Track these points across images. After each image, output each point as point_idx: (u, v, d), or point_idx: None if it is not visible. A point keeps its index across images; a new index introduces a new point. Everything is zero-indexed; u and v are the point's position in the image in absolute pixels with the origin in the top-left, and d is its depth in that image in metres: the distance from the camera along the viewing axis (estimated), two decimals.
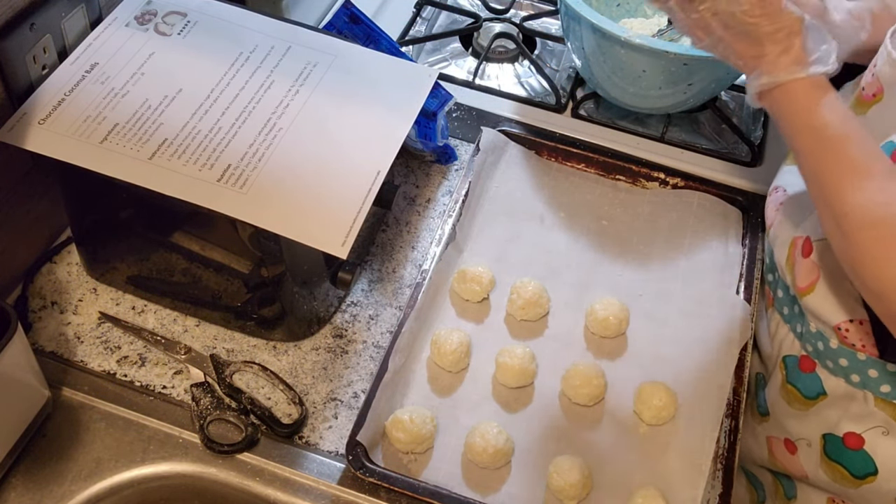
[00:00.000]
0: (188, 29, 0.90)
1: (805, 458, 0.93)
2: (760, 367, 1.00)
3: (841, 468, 0.89)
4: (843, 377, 0.87)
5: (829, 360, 0.87)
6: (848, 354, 0.85)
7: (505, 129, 1.12)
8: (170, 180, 0.78)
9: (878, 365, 0.83)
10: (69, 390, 0.86)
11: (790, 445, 0.95)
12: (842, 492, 0.91)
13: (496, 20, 1.31)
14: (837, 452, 0.89)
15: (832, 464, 0.90)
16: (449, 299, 0.98)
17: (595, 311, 0.95)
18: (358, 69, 0.90)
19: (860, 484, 0.88)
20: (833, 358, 0.87)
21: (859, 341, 0.84)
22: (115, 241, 0.91)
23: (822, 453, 0.91)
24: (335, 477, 0.83)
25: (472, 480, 0.84)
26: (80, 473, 0.81)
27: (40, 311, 0.92)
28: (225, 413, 0.85)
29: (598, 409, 0.90)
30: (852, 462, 0.88)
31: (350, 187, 0.80)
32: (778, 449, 0.97)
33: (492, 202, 1.07)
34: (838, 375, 0.87)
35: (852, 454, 0.88)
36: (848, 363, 0.85)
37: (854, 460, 0.88)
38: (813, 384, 0.90)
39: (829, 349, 0.87)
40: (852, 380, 0.86)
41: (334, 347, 0.93)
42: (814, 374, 0.90)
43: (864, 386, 0.85)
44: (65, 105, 0.82)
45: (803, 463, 0.94)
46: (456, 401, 0.90)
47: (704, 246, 1.04)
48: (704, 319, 0.97)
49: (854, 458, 0.88)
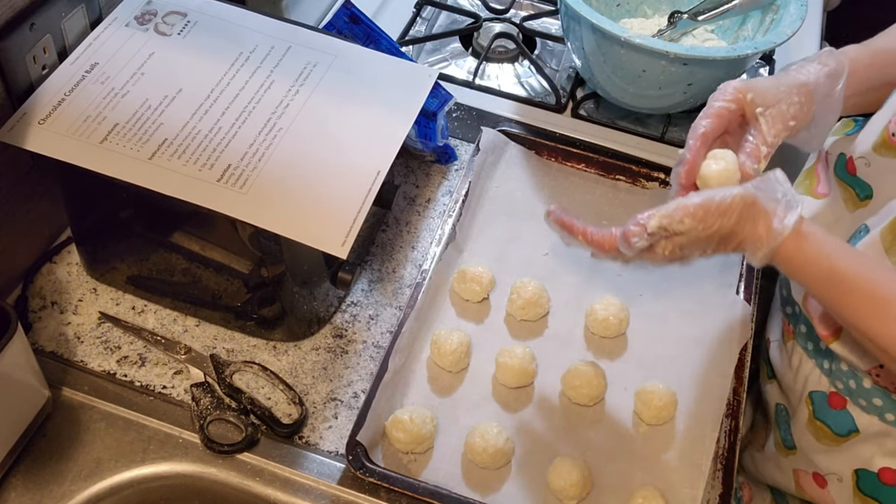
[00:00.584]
0: (188, 29, 0.90)
1: (836, 492, 0.92)
2: (782, 397, 0.98)
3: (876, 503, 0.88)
4: (877, 416, 0.85)
5: (862, 398, 0.86)
6: (882, 395, 0.84)
7: (505, 129, 1.12)
8: (170, 180, 0.78)
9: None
10: (69, 390, 0.86)
11: (819, 479, 0.94)
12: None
13: (496, 20, 1.32)
14: (872, 488, 0.88)
15: (867, 499, 0.89)
16: (449, 299, 0.98)
17: (595, 311, 0.95)
18: (358, 69, 0.90)
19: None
20: (866, 397, 0.85)
21: (891, 384, 0.83)
22: (115, 241, 0.91)
23: (854, 488, 0.90)
24: (335, 477, 0.83)
25: (472, 480, 0.84)
26: (80, 473, 0.81)
27: (40, 311, 0.92)
28: (225, 413, 0.85)
29: (598, 409, 0.90)
30: (889, 497, 0.87)
31: (350, 187, 0.80)
32: (806, 482, 0.96)
33: (492, 202, 1.07)
34: (872, 414, 0.86)
35: (889, 490, 0.87)
36: (882, 403, 0.84)
37: (891, 496, 0.87)
38: (844, 421, 0.88)
39: (862, 388, 0.85)
40: (887, 419, 0.85)
41: (334, 347, 0.93)
42: (845, 411, 0.88)
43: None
44: (65, 105, 0.82)
45: (835, 497, 0.93)
46: (456, 401, 0.90)
47: None
48: (704, 319, 0.97)
49: (891, 494, 0.87)
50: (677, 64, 1.05)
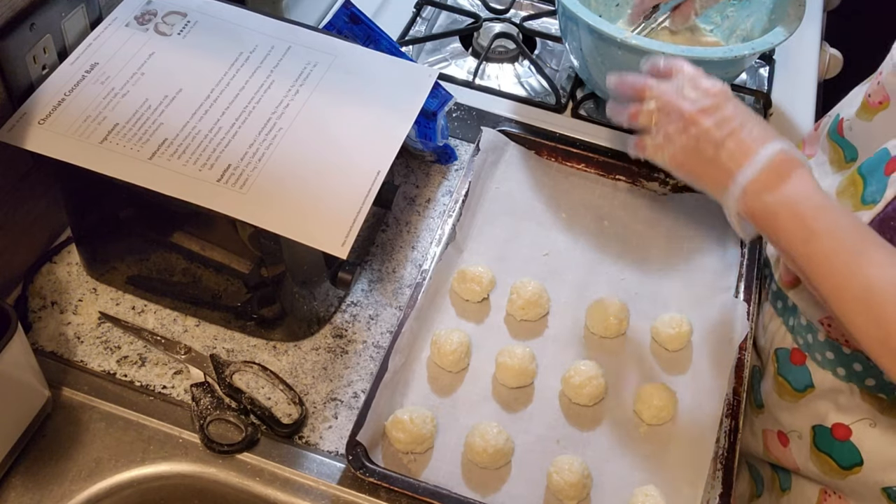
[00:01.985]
0: (188, 29, 0.90)
1: (796, 450, 0.95)
2: (756, 359, 1.01)
3: (829, 459, 0.91)
4: (829, 370, 0.88)
5: (818, 352, 0.89)
6: (834, 348, 0.86)
7: (505, 129, 1.12)
8: (170, 180, 0.78)
9: (861, 359, 0.85)
10: (69, 390, 0.86)
11: (783, 438, 0.96)
12: (831, 483, 0.93)
13: (496, 20, 1.32)
14: (826, 443, 0.91)
15: (821, 455, 0.91)
16: (449, 299, 0.98)
17: (595, 312, 0.95)
18: (358, 69, 0.90)
19: (847, 475, 0.90)
20: (821, 351, 0.88)
21: (842, 336, 0.85)
22: (115, 241, 0.91)
23: (811, 445, 0.92)
24: (335, 477, 0.83)
25: (472, 480, 0.84)
26: (80, 473, 0.81)
27: (40, 311, 0.92)
28: (225, 413, 0.85)
29: (598, 409, 0.90)
30: (840, 453, 0.89)
31: (350, 187, 0.80)
32: (772, 442, 0.99)
33: (492, 202, 1.07)
34: (825, 368, 0.89)
35: (840, 445, 0.89)
36: (834, 356, 0.87)
37: (841, 451, 0.89)
38: (802, 376, 0.91)
39: (818, 342, 0.88)
40: (838, 373, 0.87)
41: (334, 347, 0.93)
42: (803, 366, 0.91)
43: (850, 379, 0.87)
44: (65, 105, 0.82)
45: (795, 455, 0.95)
46: (456, 401, 0.90)
47: (704, 246, 1.04)
48: (704, 319, 0.97)
49: (841, 450, 0.89)
50: None
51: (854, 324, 0.71)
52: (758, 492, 1.05)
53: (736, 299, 0.98)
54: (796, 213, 0.74)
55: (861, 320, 0.70)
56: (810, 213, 0.74)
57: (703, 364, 0.94)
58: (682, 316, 0.95)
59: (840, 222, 0.74)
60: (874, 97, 0.86)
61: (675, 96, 0.84)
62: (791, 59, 1.32)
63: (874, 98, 0.86)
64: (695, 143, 0.81)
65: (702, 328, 0.96)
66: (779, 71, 1.30)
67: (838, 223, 0.73)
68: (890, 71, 0.84)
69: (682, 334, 0.94)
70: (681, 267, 1.03)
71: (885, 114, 0.85)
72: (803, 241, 0.74)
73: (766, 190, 0.76)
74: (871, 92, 0.87)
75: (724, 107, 0.81)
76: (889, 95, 0.84)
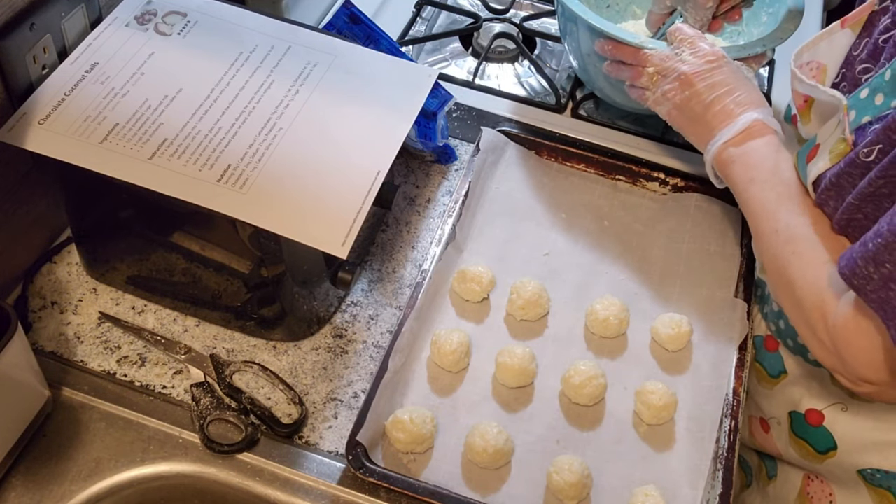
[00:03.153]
0: (188, 29, 0.90)
1: (777, 436, 0.97)
2: None
3: (806, 444, 0.93)
4: (800, 355, 0.91)
5: (789, 338, 0.92)
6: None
7: (505, 129, 1.12)
8: (170, 180, 0.78)
9: None
10: (69, 390, 0.86)
11: (764, 424, 0.99)
12: (811, 468, 0.95)
13: (496, 20, 1.31)
14: (802, 429, 0.93)
15: (798, 440, 0.94)
16: (449, 299, 0.98)
17: (595, 311, 0.95)
18: (358, 69, 0.90)
19: (823, 459, 0.92)
20: (792, 336, 0.91)
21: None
22: (115, 241, 0.91)
23: (789, 431, 0.95)
24: (335, 477, 0.83)
25: (472, 480, 0.84)
26: (80, 473, 0.81)
27: (40, 311, 0.92)
28: (225, 413, 0.85)
29: (598, 409, 0.90)
30: (815, 438, 0.92)
31: (350, 187, 0.80)
32: (756, 429, 1.01)
33: (492, 202, 1.07)
34: (796, 354, 0.91)
35: (814, 430, 0.92)
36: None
37: (816, 436, 0.92)
38: (776, 363, 0.95)
39: (788, 327, 0.91)
40: (809, 357, 0.90)
41: (334, 347, 0.93)
42: (776, 353, 0.95)
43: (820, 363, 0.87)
44: (65, 105, 0.82)
45: (776, 441, 0.98)
46: (456, 401, 0.90)
47: (704, 246, 1.04)
48: (704, 319, 0.97)
49: (816, 434, 0.92)
50: None
51: (763, 258, 0.84)
52: (747, 482, 1.07)
53: (736, 299, 0.98)
54: (745, 163, 0.87)
55: (766, 258, 0.84)
56: (755, 164, 0.86)
57: (703, 364, 0.94)
58: (681, 316, 0.95)
59: (777, 177, 0.84)
60: (797, 101, 0.90)
61: (673, 60, 0.94)
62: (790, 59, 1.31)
63: (798, 102, 0.90)
64: (687, 102, 0.93)
65: (702, 328, 0.96)
66: (779, 71, 1.29)
67: (775, 177, 0.84)
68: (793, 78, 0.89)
69: (682, 334, 0.94)
70: (681, 267, 1.03)
71: (815, 107, 0.88)
72: (744, 187, 0.87)
73: (734, 145, 0.88)
74: (794, 101, 0.91)
75: (717, 72, 0.92)
76: (807, 94, 0.88)
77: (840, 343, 0.73)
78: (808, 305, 0.77)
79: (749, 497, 1.07)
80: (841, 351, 0.74)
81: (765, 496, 1.04)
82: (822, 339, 0.76)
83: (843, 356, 0.74)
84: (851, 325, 0.72)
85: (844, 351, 0.73)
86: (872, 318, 0.70)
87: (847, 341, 0.73)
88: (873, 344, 0.71)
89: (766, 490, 1.04)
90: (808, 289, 0.77)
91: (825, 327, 0.75)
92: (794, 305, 0.79)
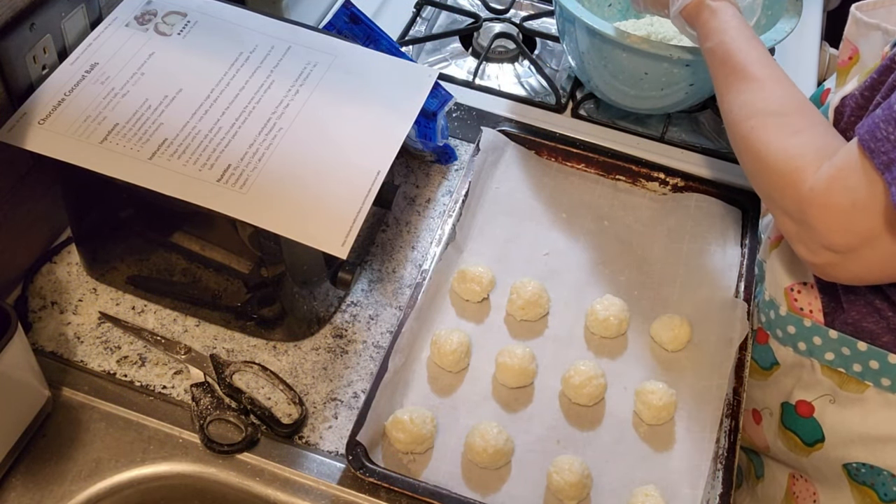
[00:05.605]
0: (188, 29, 0.90)
1: (767, 427, 0.98)
2: None
3: (794, 436, 0.94)
4: (791, 346, 0.92)
5: (779, 328, 0.92)
6: (795, 321, 0.90)
7: (505, 129, 1.12)
8: (170, 180, 0.78)
9: (822, 332, 0.88)
10: (69, 390, 0.86)
11: (756, 415, 1.00)
12: (796, 462, 0.96)
13: (496, 20, 1.32)
14: (791, 420, 0.94)
15: (787, 432, 0.95)
16: (449, 299, 0.98)
17: (595, 311, 0.95)
18: (358, 69, 0.90)
19: (810, 451, 0.92)
20: (782, 326, 0.92)
21: (808, 305, 0.88)
22: (115, 241, 0.91)
23: (779, 422, 0.96)
24: (335, 477, 0.83)
25: (472, 480, 0.84)
26: (80, 473, 0.81)
27: (40, 311, 0.92)
28: (225, 413, 0.85)
29: (598, 409, 0.90)
30: (804, 429, 0.92)
31: (350, 187, 0.80)
32: (747, 420, 1.01)
33: (492, 202, 1.07)
34: (787, 345, 0.92)
35: (803, 422, 0.92)
36: (795, 330, 0.90)
37: (805, 428, 0.92)
38: (767, 355, 0.95)
39: (779, 317, 0.92)
40: (799, 348, 0.91)
41: (334, 347, 0.93)
42: (766, 345, 0.95)
43: (811, 354, 0.90)
44: (65, 105, 0.82)
45: (765, 432, 0.98)
46: (456, 401, 0.90)
47: (704, 246, 1.04)
48: (704, 319, 0.97)
49: (805, 426, 0.92)
50: (680, 65, 1.05)
51: (731, 117, 0.84)
52: (738, 482, 1.07)
53: (736, 299, 0.98)
54: (713, 11, 0.91)
55: (735, 117, 0.84)
56: (719, 15, 0.90)
57: (703, 364, 0.94)
58: (681, 316, 0.95)
59: (742, 34, 0.88)
60: (843, 54, 0.91)
61: None
62: (791, 59, 1.32)
63: (843, 56, 0.90)
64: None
65: (702, 328, 0.96)
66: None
67: (738, 33, 0.88)
68: (850, 23, 0.89)
69: (682, 334, 0.94)
70: (680, 267, 1.03)
71: (857, 68, 0.89)
72: (706, 37, 0.90)
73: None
74: (839, 54, 0.92)
75: None
76: (857, 47, 0.89)
77: (814, 207, 0.74)
78: (779, 169, 0.77)
79: (739, 497, 1.07)
80: (812, 217, 0.74)
81: (754, 496, 1.05)
82: (786, 206, 0.77)
83: (811, 222, 0.74)
84: (837, 185, 0.73)
85: (817, 216, 0.74)
86: (862, 180, 0.71)
87: (824, 205, 0.73)
88: (854, 205, 0.72)
89: (755, 490, 1.04)
90: (780, 153, 0.78)
91: (795, 193, 0.75)
92: (761, 170, 0.80)
